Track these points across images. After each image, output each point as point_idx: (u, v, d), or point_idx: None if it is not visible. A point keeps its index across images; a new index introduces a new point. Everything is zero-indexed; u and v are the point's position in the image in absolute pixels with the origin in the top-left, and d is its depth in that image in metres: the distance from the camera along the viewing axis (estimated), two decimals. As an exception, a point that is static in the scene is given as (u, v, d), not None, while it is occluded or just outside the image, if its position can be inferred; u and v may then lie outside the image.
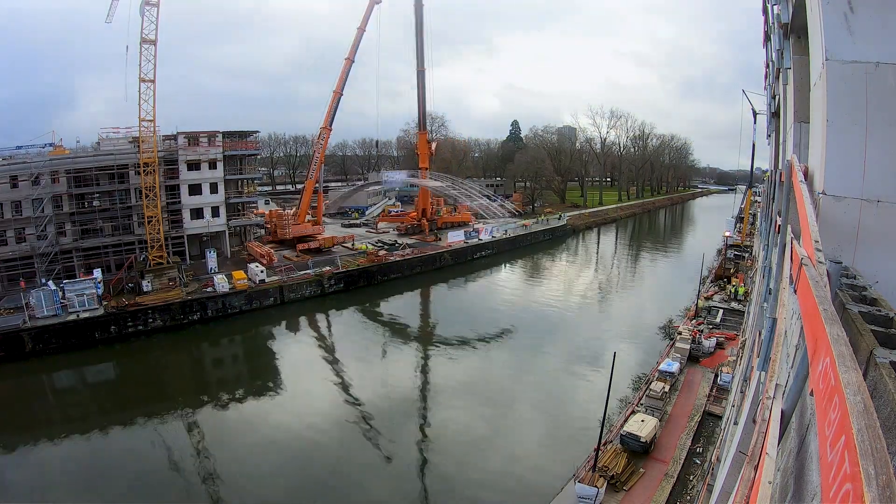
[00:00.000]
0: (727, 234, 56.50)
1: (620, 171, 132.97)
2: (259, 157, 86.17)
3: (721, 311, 38.72)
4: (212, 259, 46.92)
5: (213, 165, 51.24)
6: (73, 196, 44.07)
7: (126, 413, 27.36)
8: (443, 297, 52.52)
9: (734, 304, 39.71)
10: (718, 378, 26.95)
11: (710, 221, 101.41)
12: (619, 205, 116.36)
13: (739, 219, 64.79)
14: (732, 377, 22.91)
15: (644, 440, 20.97)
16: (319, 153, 61.97)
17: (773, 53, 12.01)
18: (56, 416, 28.24)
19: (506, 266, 64.63)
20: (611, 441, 21.65)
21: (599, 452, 19.62)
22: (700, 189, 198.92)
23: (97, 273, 40.48)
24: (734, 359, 26.01)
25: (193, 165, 50.15)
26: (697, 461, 20.95)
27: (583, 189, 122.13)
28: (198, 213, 51.04)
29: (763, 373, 6.20)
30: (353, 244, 59.66)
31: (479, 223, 72.86)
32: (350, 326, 42.91)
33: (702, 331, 33.96)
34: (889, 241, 4.70)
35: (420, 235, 67.34)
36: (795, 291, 3.36)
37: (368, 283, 50.66)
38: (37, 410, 28.81)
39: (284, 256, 52.93)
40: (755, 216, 57.92)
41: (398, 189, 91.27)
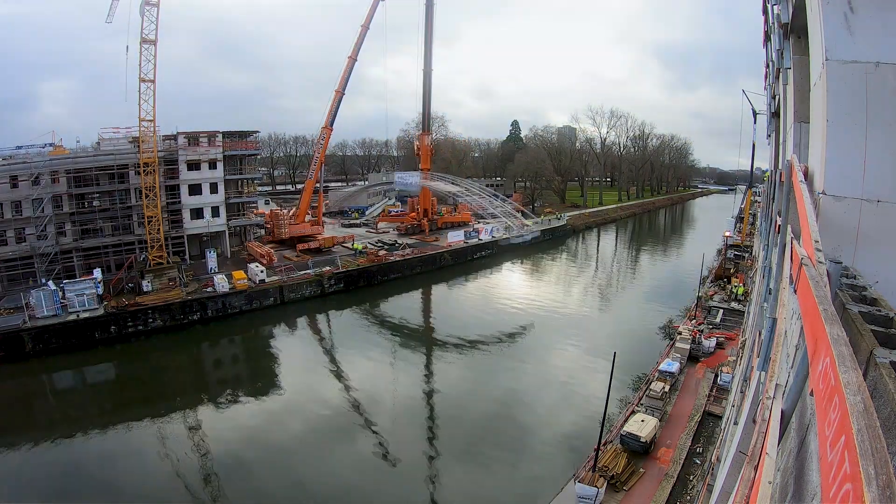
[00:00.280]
0: (727, 234, 56.53)
1: (620, 171, 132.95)
2: (259, 157, 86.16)
3: (721, 311, 38.75)
4: (212, 259, 46.91)
5: (213, 165, 51.24)
6: (73, 196, 44.08)
7: (126, 413, 27.34)
8: (443, 297, 52.51)
9: (734, 304, 39.73)
10: (718, 378, 26.96)
11: (710, 221, 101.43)
12: (619, 205, 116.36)
13: (739, 219, 64.81)
14: (732, 377, 22.91)
15: (644, 440, 20.97)
16: (319, 153, 61.93)
17: (773, 53, 12.00)
18: (56, 417, 28.23)
19: (506, 266, 64.62)
20: (611, 441, 21.65)
21: (599, 452, 19.62)
22: (700, 189, 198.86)
23: (97, 273, 40.49)
24: (734, 359, 26.01)
25: (193, 165, 50.15)
26: (697, 461, 20.96)
27: (583, 189, 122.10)
28: (198, 213, 51.04)
29: (763, 373, 6.20)
30: (353, 244, 59.65)
31: (483, 224, 72.74)
32: (350, 326, 42.91)
33: (702, 331, 33.97)
34: (889, 241, 4.70)
35: (420, 235, 67.35)
36: (795, 291, 3.36)
37: (368, 283, 50.66)
38: (37, 411, 28.83)
39: (284, 256, 52.92)
40: (755, 216, 57.94)
41: (398, 189, 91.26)
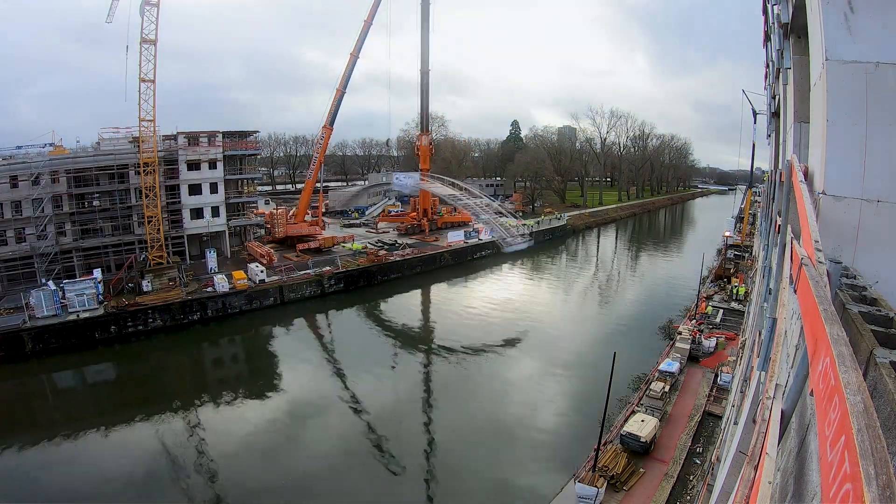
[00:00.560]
0: (727, 234, 56.53)
1: (620, 171, 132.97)
2: (259, 157, 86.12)
3: (721, 311, 38.75)
4: (212, 259, 46.90)
5: (213, 165, 51.23)
6: (73, 196, 44.07)
7: (126, 413, 27.33)
8: (443, 297, 52.48)
9: (734, 304, 39.72)
10: (718, 378, 26.95)
11: (710, 221, 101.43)
12: (619, 205, 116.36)
13: (739, 219, 64.80)
14: (732, 377, 22.91)
15: (644, 440, 20.97)
16: (319, 153, 61.87)
17: (773, 53, 12.00)
18: (56, 417, 28.22)
19: (506, 266, 64.59)
20: (611, 441, 21.65)
21: (599, 452, 19.62)
22: (700, 189, 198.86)
23: (97, 273, 40.47)
24: (734, 359, 26.01)
25: (193, 165, 50.14)
26: (697, 461, 20.96)
27: (583, 189, 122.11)
28: (198, 213, 51.03)
29: (763, 373, 6.20)
30: (353, 244, 59.66)
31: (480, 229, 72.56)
32: (350, 326, 42.92)
33: (702, 331, 33.97)
34: (889, 241, 4.71)
35: (420, 235, 67.35)
36: (795, 291, 3.36)
37: (368, 283, 50.65)
38: (37, 411, 28.83)
39: (284, 256, 52.92)
40: (755, 216, 57.92)
41: (396, 190, 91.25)
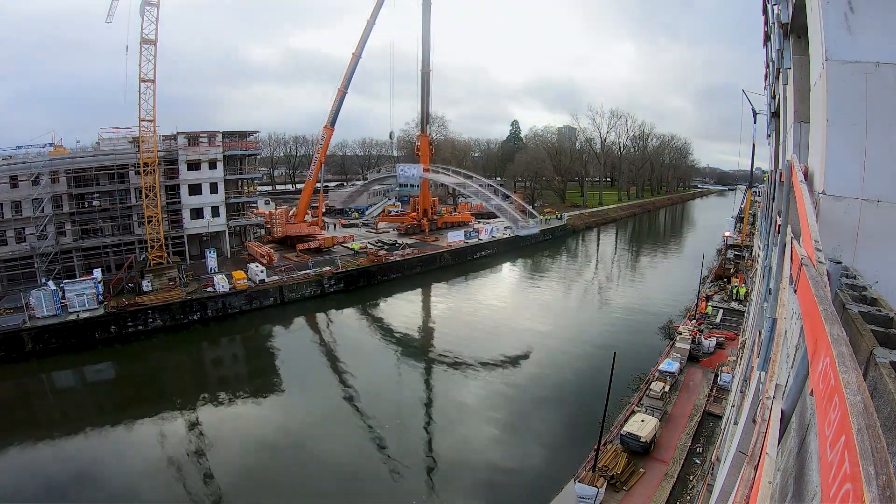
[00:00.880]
0: (727, 234, 56.53)
1: (620, 171, 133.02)
2: (259, 157, 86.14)
3: (721, 311, 38.75)
4: (212, 259, 46.91)
5: (213, 165, 51.24)
6: (73, 196, 44.08)
7: (126, 413, 27.34)
8: (443, 297, 52.48)
9: (734, 304, 39.73)
10: (718, 378, 26.96)
11: (710, 221, 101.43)
12: (619, 205, 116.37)
13: (739, 219, 64.80)
14: (732, 377, 22.91)
15: (644, 440, 20.97)
16: (319, 153, 61.85)
17: (773, 53, 12.00)
18: (56, 416, 28.23)
19: (506, 266, 64.63)
20: (611, 441, 21.66)
21: (599, 452, 19.62)
22: (700, 189, 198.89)
23: (97, 273, 40.48)
24: (734, 359, 26.02)
25: (193, 165, 50.15)
26: (697, 461, 20.96)
27: (583, 189, 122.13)
28: (198, 213, 51.04)
29: (763, 373, 6.20)
30: (353, 244, 59.68)
31: (483, 224, 72.66)
32: (350, 326, 42.93)
33: (702, 331, 33.98)
34: (889, 241, 4.71)
35: (420, 235, 67.37)
36: (795, 291, 3.36)
37: (368, 283, 50.66)
38: (37, 410, 28.81)
39: (284, 256, 52.94)
40: (755, 216, 57.91)
41: (398, 189, 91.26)
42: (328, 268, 48.85)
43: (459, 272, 58.52)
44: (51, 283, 37.43)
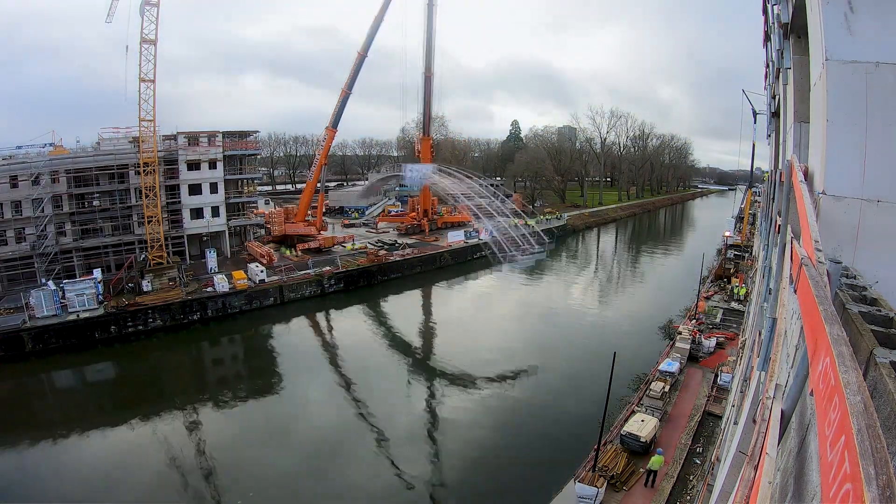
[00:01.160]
0: (727, 234, 56.53)
1: (620, 171, 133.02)
2: (259, 157, 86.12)
3: (721, 311, 38.74)
4: (212, 259, 46.92)
5: (213, 165, 51.26)
6: (73, 196, 44.09)
7: (126, 413, 27.33)
8: (442, 297, 52.50)
9: (734, 304, 39.72)
10: (718, 378, 26.94)
11: (710, 221, 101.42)
12: (619, 205, 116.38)
13: (739, 219, 64.80)
14: (732, 377, 22.90)
15: (644, 440, 20.97)
16: (321, 154, 61.80)
17: (773, 53, 11.99)
18: (56, 416, 28.21)
19: (505, 266, 64.42)
20: (611, 441, 21.65)
21: (599, 452, 19.61)
22: (700, 189, 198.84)
23: (97, 273, 40.50)
24: (734, 359, 26.01)
25: (193, 165, 50.17)
26: (697, 461, 20.96)
27: (583, 189, 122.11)
28: (198, 213, 51.05)
29: (763, 373, 6.20)
30: (353, 244, 59.68)
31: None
32: (350, 326, 42.90)
33: (702, 331, 33.96)
34: (889, 241, 4.71)
35: (420, 235, 67.36)
36: (795, 291, 3.36)
37: (368, 283, 50.66)
38: (36, 410, 28.80)
39: (284, 256, 52.95)
40: (755, 216, 57.90)
41: (398, 189, 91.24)
42: (328, 268, 48.85)
43: (459, 272, 58.50)
44: (51, 283, 37.43)
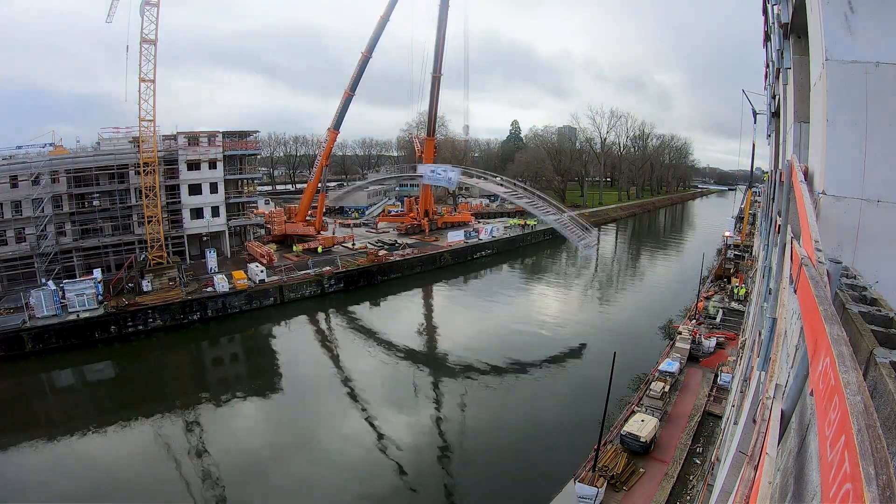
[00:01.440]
0: (727, 234, 56.53)
1: (620, 171, 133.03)
2: (259, 157, 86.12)
3: (721, 311, 38.73)
4: (212, 259, 46.91)
5: (213, 165, 51.25)
6: (73, 196, 44.07)
7: (126, 413, 27.33)
8: (442, 297, 52.52)
9: (734, 304, 39.72)
10: (718, 378, 26.96)
11: (710, 221, 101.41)
12: (619, 205, 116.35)
13: (739, 219, 64.79)
14: (732, 377, 22.90)
15: (644, 440, 20.97)
16: (322, 156, 61.79)
17: (773, 53, 11.98)
18: (56, 416, 28.24)
19: (505, 266, 64.63)
20: (611, 441, 21.65)
21: (599, 452, 19.62)
22: (700, 189, 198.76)
23: (97, 273, 40.47)
24: (734, 359, 26.01)
25: (193, 165, 50.15)
26: (697, 461, 20.96)
27: (583, 189, 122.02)
28: (198, 213, 51.04)
29: (763, 373, 6.20)
30: (353, 244, 59.69)
31: (483, 224, 72.32)
32: (350, 326, 42.90)
33: (702, 331, 33.96)
34: (889, 241, 4.71)
35: (420, 235, 67.36)
36: (795, 291, 3.36)
37: (368, 283, 50.66)
38: (37, 410, 28.81)
39: (284, 256, 52.95)
40: (755, 216, 57.87)
41: (398, 189, 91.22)
42: (328, 268, 48.85)
43: (459, 272, 58.53)
44: (51, 283, 37.42)
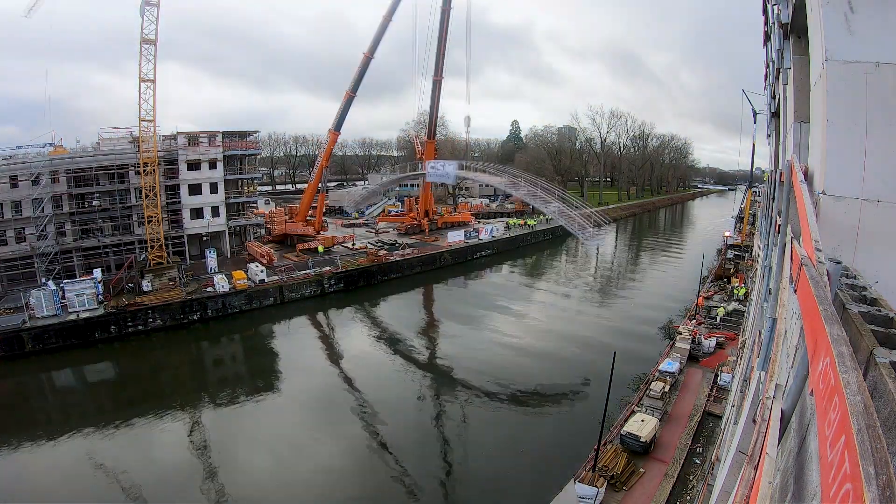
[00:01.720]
0: (727, 234, 56.54)
1: (620, 171, 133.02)
2: (259, 157, 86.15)
3: (721, 311, 38.71)
4: (212, 259, 46.92)
5: (213, 165, 51.27)
6: (73, 196, 44.07)
7: (125, 413, 27.32)
8: (442, 297, 52.51)
9: (734, 304, 39.71)
10: (718, 378, 26.96)
11: (710, 221, 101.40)
12: (619, 205, 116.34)
13: (739, 219, 64.80)
14: (732, 377, 22.91)
15: (644, 440, 20.97)
16: (322, 157, 61.79)
17: (773, 53, 11.98)
18: (56, 416, 28.23)
19: (505, 266, 64.62)
20: (611, 441, 21.65)
21: (599, 452, 19.62)
22: (700, 189, 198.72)
23: (97, 273, 40.48)
24: (734, 359, 26.01)
25: (193, 165, 50.17)
26: (697, 461, 20.96)
27: (583, 189, 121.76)
28: (198, 213, 51.05)
29: (763, 373, 6.20)
30: (353, 244, 59.71)
31: (483, 224, 72.29)
32: (350, 325, 42.91)
33: (702, 331, 33.96)
34: (889, 241, 4.71)
35: (420, 235, 67.37)
36: (795, 291, 3.36)
37: (368, 283, 50.67)
38: (37, 410, 28.81)
39: (284, 256, 52.96)
40: (755, 216, 57.86)
41: (398, 189, 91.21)
42: (328, 268, 48.85)
43: (459, 272, 58.54)
44: (51, 283, 37.41)
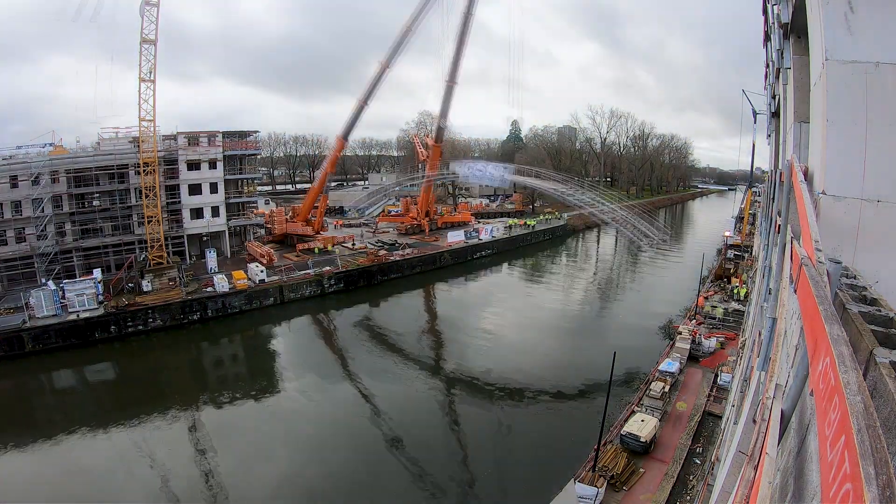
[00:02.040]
0: (727, 234, 56.54)
1: (620, 171, 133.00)
2: (259, 157, 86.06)
3: (721, 311, 38.70)
4: (212, 259, 46.91)
5: (213, 165, 51.27)
6: (73, 196, 44.08)
7: (126, 412, 27.31)
8: (442, 297, 52.51)
9: (734, 304, 39.71)
10: (718, 378, 26.95)
11: (710, 221, 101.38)
12: (619, 205, 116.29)
13: (739, 219, 64.79)
14: (732, 377, 22.90)
15: (644, 440, 20.97)
16: (327, 163, 62.09)
17: (773, 53, 11.99)
18: (56, 416, 28.21)
19: (505, 266, 64.62)
20: (611, 441, 21.65)
21: (599, 452, 19.61)
22: (700, 189, 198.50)
23: (97, 273, 40.48)
24: (734, 359, 26.01)
25: (193, 165, 50.17)
26: (697, 461, 20.96)
27: (582, 189, 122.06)
28: (198, 213, 51.04)
29: (763, 373, 6.20)
30: (353, 244, 59.71)
31: (483, 224, 72.29)
32: (350, 325, 42.88)
33: (702, 331, 33.95)
34: (889, 241, 4.71)
35: (420, 235, 67.36)
36: (795, 291, 3.36)
37: (368, 283, 50.66)
38: (37, 410, 28.82)
39: (284, 256, 52.96)
40: (755, 216, 57.86)
41: (398, 189, 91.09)
42: (328, 268, 48.84)
43: (459, 272, 58.51)
44: (51, 283, 37.41)
